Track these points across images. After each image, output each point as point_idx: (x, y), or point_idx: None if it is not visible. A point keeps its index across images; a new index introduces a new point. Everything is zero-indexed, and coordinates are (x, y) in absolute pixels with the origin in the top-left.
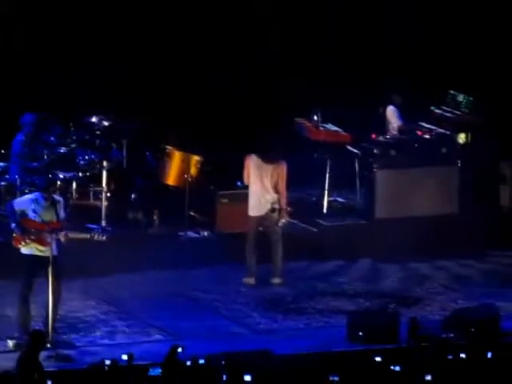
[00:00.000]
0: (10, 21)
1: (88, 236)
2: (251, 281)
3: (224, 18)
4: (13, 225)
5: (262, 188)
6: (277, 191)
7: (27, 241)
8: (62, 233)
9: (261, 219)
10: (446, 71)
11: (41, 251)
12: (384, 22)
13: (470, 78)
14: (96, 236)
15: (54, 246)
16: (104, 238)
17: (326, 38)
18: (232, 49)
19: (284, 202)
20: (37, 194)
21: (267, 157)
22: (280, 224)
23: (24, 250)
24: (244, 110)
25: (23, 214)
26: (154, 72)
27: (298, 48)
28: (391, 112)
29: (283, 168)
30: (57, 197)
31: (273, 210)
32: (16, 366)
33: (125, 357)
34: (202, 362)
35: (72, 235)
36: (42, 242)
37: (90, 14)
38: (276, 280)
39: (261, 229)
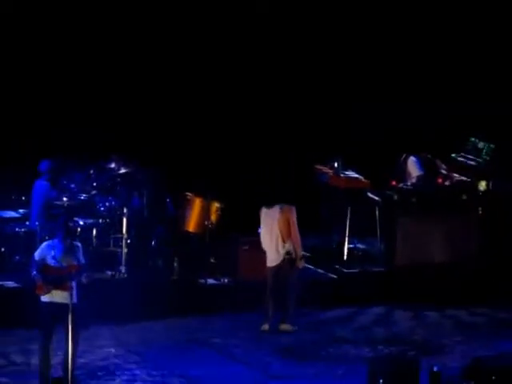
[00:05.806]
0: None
1: (109, 275)
2: (266, 327)
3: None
4: (33, 273)
5: (272, 238)
6: (289, 238)
7: (49, 287)
8: (84, 274)
9: (278, 268)
10: (466, 118)
11: (61, 297)
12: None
13: (491, 125)
14: (117, 275)
15: (74, 292)
16: (125, 275)
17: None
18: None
19: (297, 247)
20: (55, 240)
21: (269, 203)
22: (296, 269)
23: (44, 297)
24: (260, 154)
25: (44, 261)
26: (173, 118)
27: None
28: (412, 163)
29: (290, 212)
30: (76, 242)
31: (288, 253)
32: None
33: None
34: None
35: (94, 276)
36: (63, 288)
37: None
38: (283, 326)
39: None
